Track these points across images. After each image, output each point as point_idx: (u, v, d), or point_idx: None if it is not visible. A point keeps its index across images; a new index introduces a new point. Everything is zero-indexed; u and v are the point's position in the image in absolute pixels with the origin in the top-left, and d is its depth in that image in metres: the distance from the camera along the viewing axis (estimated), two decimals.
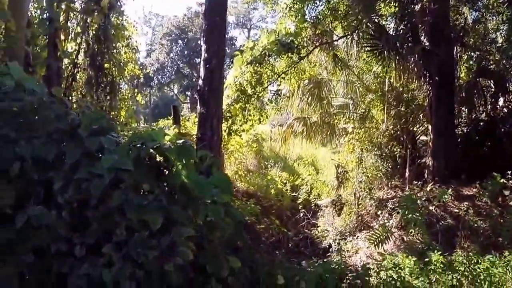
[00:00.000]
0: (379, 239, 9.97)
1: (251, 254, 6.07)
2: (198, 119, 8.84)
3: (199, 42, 58.67)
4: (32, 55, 9.94)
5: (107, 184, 3.86)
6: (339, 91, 15.84)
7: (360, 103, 14.99)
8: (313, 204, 14.13)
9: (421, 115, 13.89)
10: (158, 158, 4.17)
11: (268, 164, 17.39)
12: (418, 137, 14.27)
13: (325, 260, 10.98)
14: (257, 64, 12.32)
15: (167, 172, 4.25)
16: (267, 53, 12.25)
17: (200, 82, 8.76)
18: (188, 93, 57.90)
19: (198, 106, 8.75)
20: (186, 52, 57.23)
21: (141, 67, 15.86)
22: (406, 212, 9.91)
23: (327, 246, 11.94)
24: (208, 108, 8.43)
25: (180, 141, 4.15)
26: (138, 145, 4.06)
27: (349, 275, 6.51)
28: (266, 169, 16.86)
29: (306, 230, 13.18)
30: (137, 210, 3.82)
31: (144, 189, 3.98)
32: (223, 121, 10.75)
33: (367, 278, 6.55)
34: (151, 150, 4.11)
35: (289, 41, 12.12)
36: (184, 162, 4.06)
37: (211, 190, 4.16)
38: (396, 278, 6.53)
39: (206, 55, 8.58)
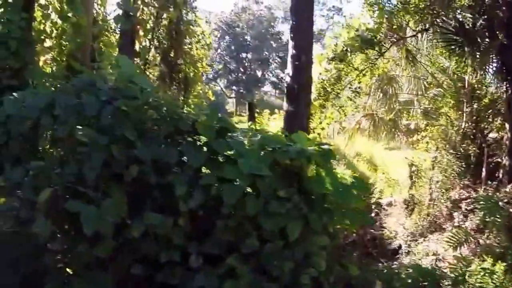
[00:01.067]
0: (458, 241, 9.57)
1: (341, 257, 5.81)
2: (285, 117, 8.59)
3: (245, 37, 58.93)
4: (97, 51, 9.90)
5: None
6: (409, 87, 15.39)
7: (432, 100, 14.50)
8: (380, 204, 13.75)
9: (495, 112, 13.27)
10: (290, 162, 3.86)
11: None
12: (487, 134, 13.69)
13: (395, 262, 10.64)
14: (339, 61, 12.01)
15: (300, 177, 3.94)
16: (348, 49, 11.91)
17: (288, 79, 8.52)
18: (234, 87, 57.92)
19: (285, 104, 8.51)
20: (233, 47, 57.36)
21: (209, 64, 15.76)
22: (486, 214, 9.46)
23: (397, 248, 11.59)
24: (297, 106, 8.20)
25: (325, 146, 3.86)
26: (270, 149, 3.75)
27: (446, 280, 6.21)
28: None
29: (372, 230, 12.82)
30: (275, 219, 3.53)
31: (281, 195, 3.66)
32: None
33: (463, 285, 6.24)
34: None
35: (370, 36, 11.72)
36: (326, 168, 3.77)
37: (352, 197, 3.87)
38: (494, 284, 6.20)
39: (294, 51, 8.34)
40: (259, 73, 60.32)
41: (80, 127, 3.88)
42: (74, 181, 3.67)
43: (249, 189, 3.74)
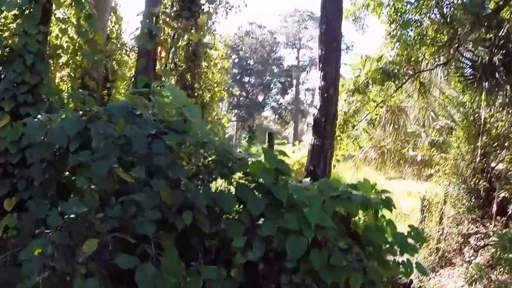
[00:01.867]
0: (473, 278, 9.44)
1: None
2: (310, 150, 8.28)
3: (249, 61, 58.92)
4: (110, 70, 9.68)
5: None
6: (416, 117, 15.31)
7: (439, 131, 14.40)
8: None
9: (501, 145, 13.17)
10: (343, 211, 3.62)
11: None
12: (494, 167, 13.57)
13: None
14: (359, 93, 11.87)
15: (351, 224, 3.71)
16: (370, 82, 11.77)
17: (315, 111, 8.21)
18: (236, 111, 57.49)
19: (312, 137, 8.22)
20: (235, 70, 57.14)
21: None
22: (499, 251, 9.34)
23: (408, 282, 11.39)
24: (323, 139, 7.89)
25: (386, 194, 3.63)
26: (331, 196, 3.47)
27: None
28: None
29: None
30: (337, 272, 3.26)
31: (341, 247, 3.38)
32: None
33: None
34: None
35: (392, 69, 11.58)
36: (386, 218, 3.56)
37: (409, 247, 3.64)
38: None
39: (323, 83, 8.04)
40: (260, 98, 60.27)
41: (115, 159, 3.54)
42: (117, 228, 3.25)
43: None
